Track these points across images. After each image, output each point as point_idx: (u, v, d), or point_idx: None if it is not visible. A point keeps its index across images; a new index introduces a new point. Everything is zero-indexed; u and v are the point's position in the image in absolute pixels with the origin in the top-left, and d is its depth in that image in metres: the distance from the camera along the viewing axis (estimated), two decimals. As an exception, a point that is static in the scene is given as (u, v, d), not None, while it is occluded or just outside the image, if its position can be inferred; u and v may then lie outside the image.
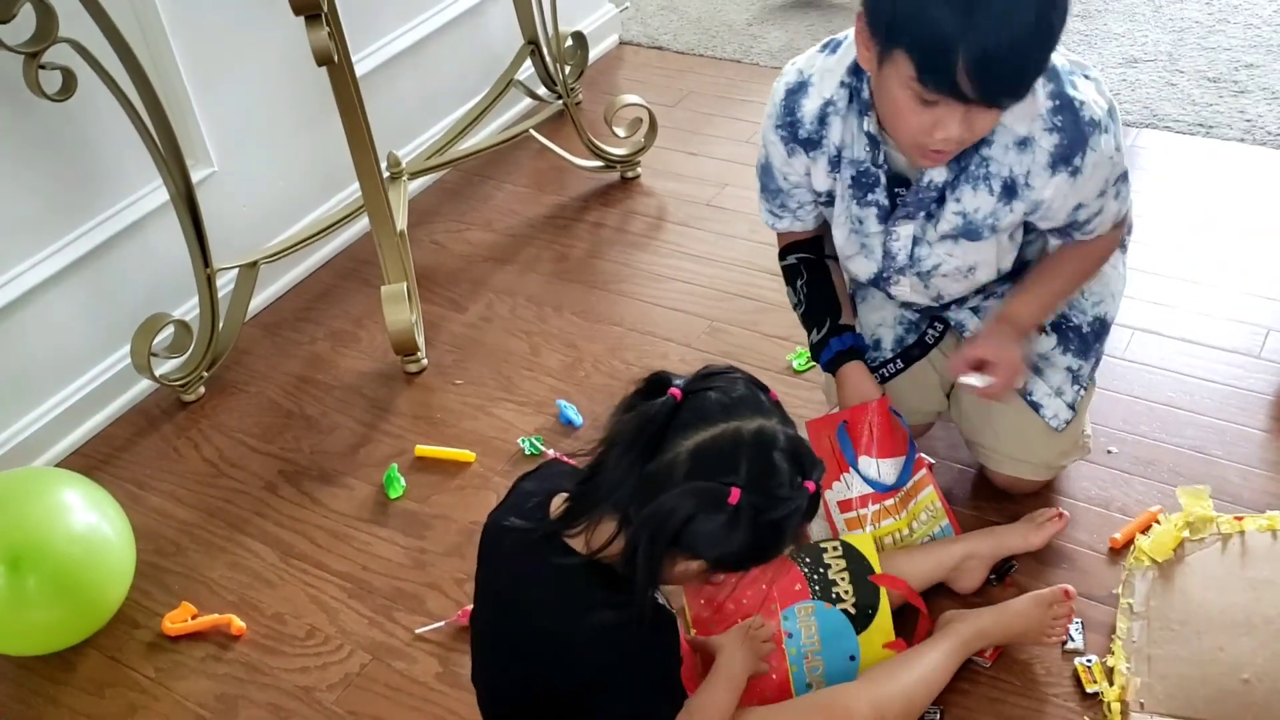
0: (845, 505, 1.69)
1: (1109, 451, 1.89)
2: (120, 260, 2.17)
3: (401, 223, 2.30)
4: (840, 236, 1.64)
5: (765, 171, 1.65)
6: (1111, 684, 1.53)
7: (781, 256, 1.76)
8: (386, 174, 2.38)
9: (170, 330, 2.17)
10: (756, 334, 2.24)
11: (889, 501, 1.69)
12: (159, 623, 1.81)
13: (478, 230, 2.62)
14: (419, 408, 2.17)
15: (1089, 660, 1.58)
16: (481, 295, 2.43)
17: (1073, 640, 1.61)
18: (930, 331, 1.78)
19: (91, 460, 2.12)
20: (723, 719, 1.35)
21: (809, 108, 1.53)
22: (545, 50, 2.75)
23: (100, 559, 1.73)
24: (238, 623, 1.79)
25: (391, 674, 1.70)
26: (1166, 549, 1.68)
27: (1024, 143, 1.43)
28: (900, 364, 1.76)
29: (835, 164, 1.55)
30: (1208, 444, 1.89)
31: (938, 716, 1.52)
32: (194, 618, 1.81)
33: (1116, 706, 1.51)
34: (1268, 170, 2.51)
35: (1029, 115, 1.42)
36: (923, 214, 1.54)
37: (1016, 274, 1.66)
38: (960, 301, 1.72)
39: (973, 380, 1.59)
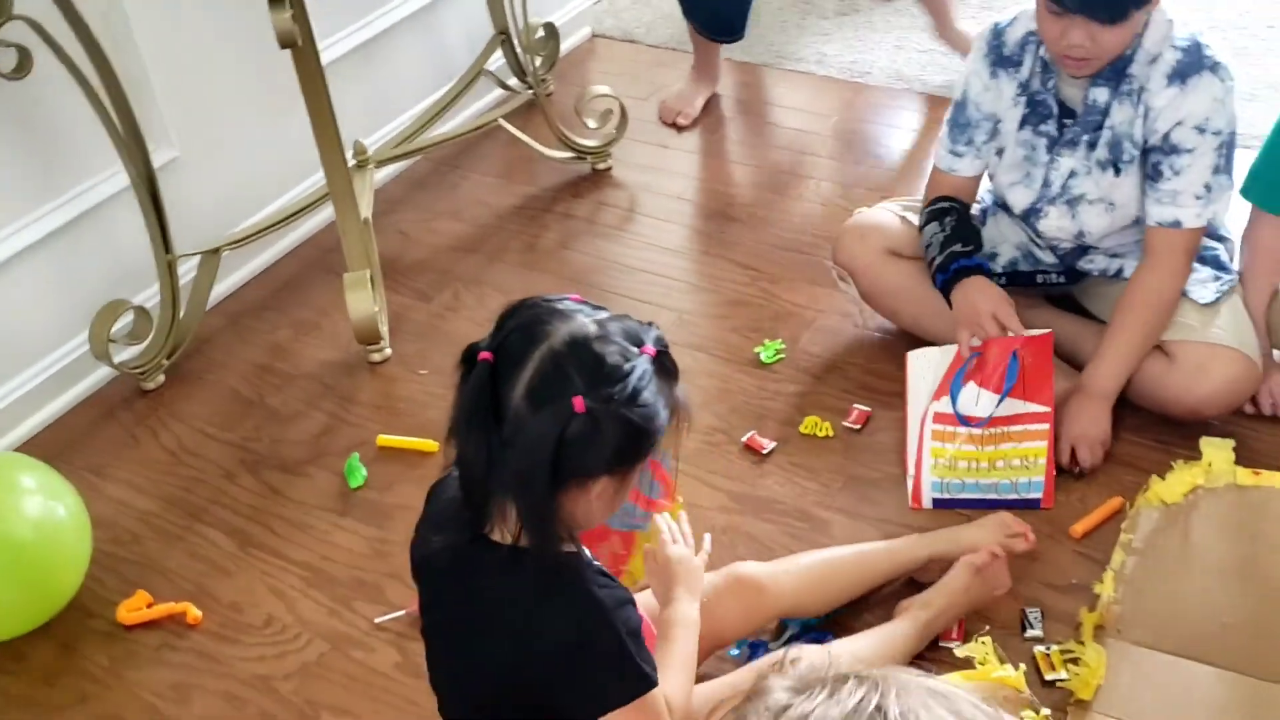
0: (943, 418, 1.83)
1: (1073, 444, 1.90)
2: (80, 245, 2.14)
3: (366, 211, 2.27)
4: (1008, 163, 1.90)
5: (960, 107, 1.93)
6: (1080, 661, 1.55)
7: (932, 204, 1.96)
8: (352, 162, 2.36)
9: (130, 317, 2.14)
10: (724, 327, 2.23)
11: (975, 430, 1.81)
12: (114, 611, 1.78)
13: (445, 220, 2.60)
14: (382, 397, 2.15)
15: (1049, 648, 1.58)
16: (448, 285, 2.41)
17: (1032, 628, 1.61)
18: (1048, 275, 2.00)
19: (49, 447, 2.08)
20: (692, 662, 1.33)
21: (1013, 34, 1.85)
22: (516, 41, 2.73)
23: (54, 545, 1.71)
24: (194, 611, 1.77)
25: (350, 663, 1.68)
26: (1177, 493, 1.75)
27: (1155, 59, 1.74)
28: (1004, 281, 1.93)
29: (1024, 88, 1.85)
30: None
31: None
32: (150, 606, 1.79)
33: (1090, 629, 1.57)
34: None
35: (1163, 38, 1.73)
36: (1085, 141, 1.81)
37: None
38: (1091, 254, 1.94)
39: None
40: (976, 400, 1.84)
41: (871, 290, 2.07)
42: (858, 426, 1.97)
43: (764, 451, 1.94)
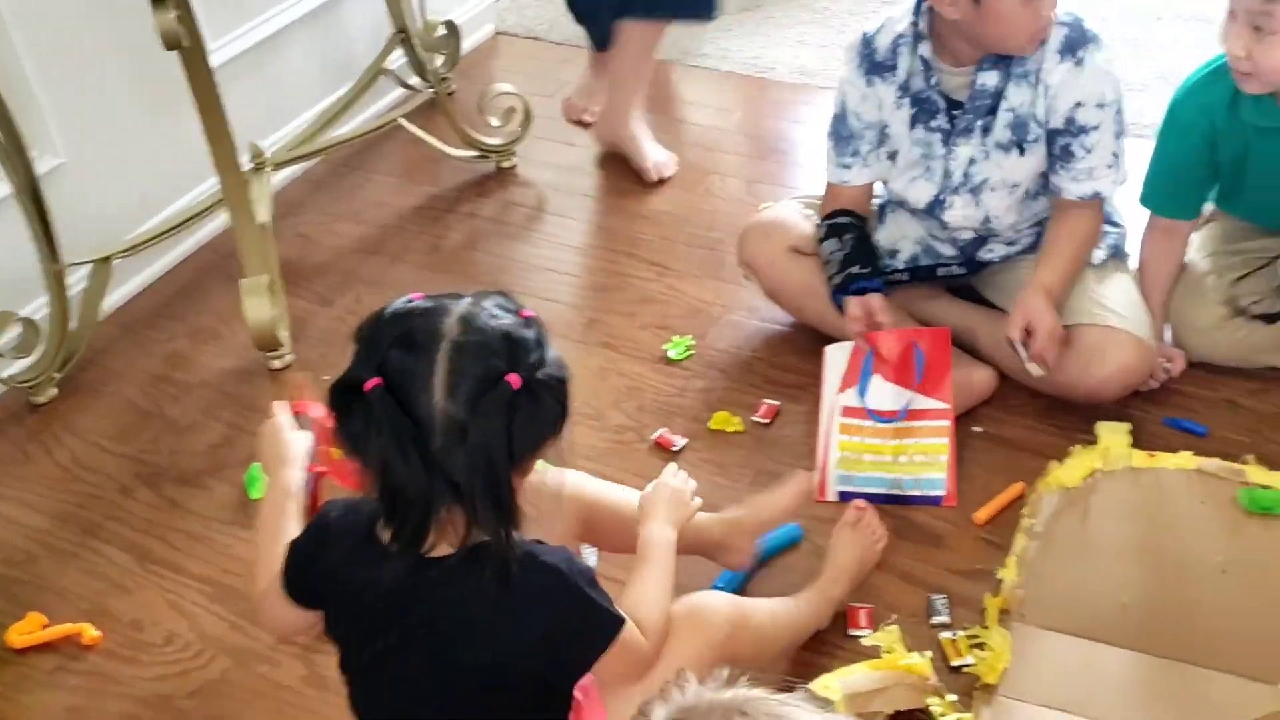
0: (851, 411, 1.87)
1: (975, 430, 1.92)
2: (-39, 256, 2.06)
3: (265, 215, 2.22)
4: (905, 164, 1.92)
5: (839, 120, 1.95)
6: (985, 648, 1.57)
7: (829, 218, 1.97)
8: (249, 165, 2.30)
9: (17, 330, 2.06)
10: (633, 325, 2.22)
11: (883, 424, 1.85)
12: (3, 636, 1.71)
13: (346, 222, 2.56)
14: (285, 405, 2.10)
15: (955, 634, 1.60)
16: (350, 288, 2.37)
17: (939, 614, 1.63)
18: (949, 267, 2.03)
19: (-67, 467, 2.01)
20: (669, 582, 1.35)
21: (883, 41, 1.87)
22: (416, 39, 2.69)
23: (-62, 570, 1.64)
24: (91, 632, 1.71)
25: (255, 678, 1.64)
26: (1076, 477, 1.79)
27: (1043, 41, 1.77)
28: (907, 277, 2.01)
29: (904, 90, 1.86)
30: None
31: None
32: (44, 628, 1.72)
33: (995, 613, 1.59)
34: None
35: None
36: (979, 127, 1.84)
37: (1035, 248, 1.96)
38: (990, 244, 1.98)
39: (1020, 349, 1.82)
40: (884, 394, 1.86)
41: (775, 287, 2.08)
42: (767, 421, 1.98)
43: (674, 449, 1.94)
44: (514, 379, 1.09)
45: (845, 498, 1.82)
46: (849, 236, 1.94)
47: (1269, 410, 1.92)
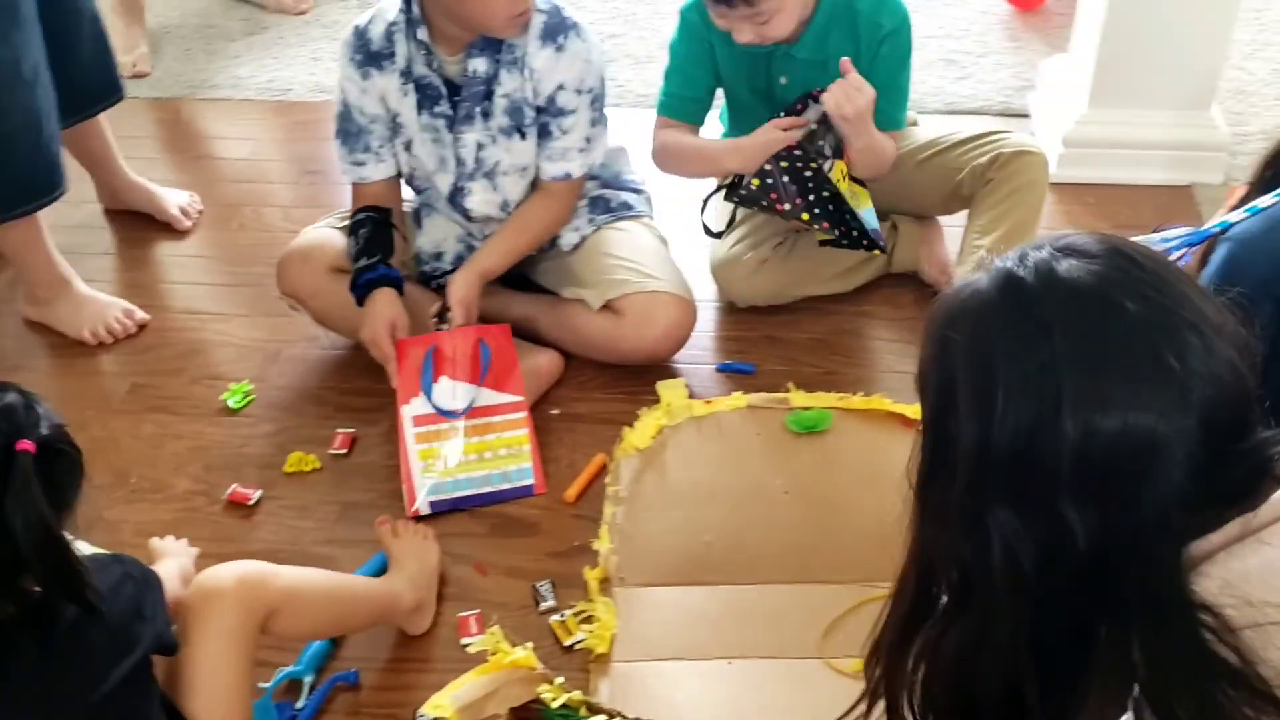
0: (423, 419, 1.85)
1: (552, 413, 1.96)
2: None
3: None
4: (421, 153, 1.93)
5: (344, 117, 1.93)
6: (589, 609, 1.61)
7: (352, 217, 1.96)
8: None
9: None
10: (183, 381, 2.07)
11: (460, 424, 1.84)
12: None
13: None
14: None
15: (563, 615, 1.62)
16: None
17: (546, 600, 1.65)
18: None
19: None
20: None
21: (376, 30, 1.87)
22: None
23: None
24: None
25: None
26: (647, 437, 1.86)
27: (526, 25, 1.82)
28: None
29: (406, 76, 1.87)
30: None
31: None
32: None
33: (596, 585, 1.64)
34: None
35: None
36: (479, 112, 1.88)
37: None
38: None
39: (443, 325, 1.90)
40: (454, 393, 1.86)
41: (323, 311, 2.02)
42: (344, 451, 1.91)
43: (250, 502, 1.82)
44: (27, 445, 1.10)
45: (437, 507, 1.80)
46: (364, 231, 1.92)
47: (802, 338, 2.10)
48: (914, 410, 1.71)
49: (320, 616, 1.48)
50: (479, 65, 1.85)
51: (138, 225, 2.45)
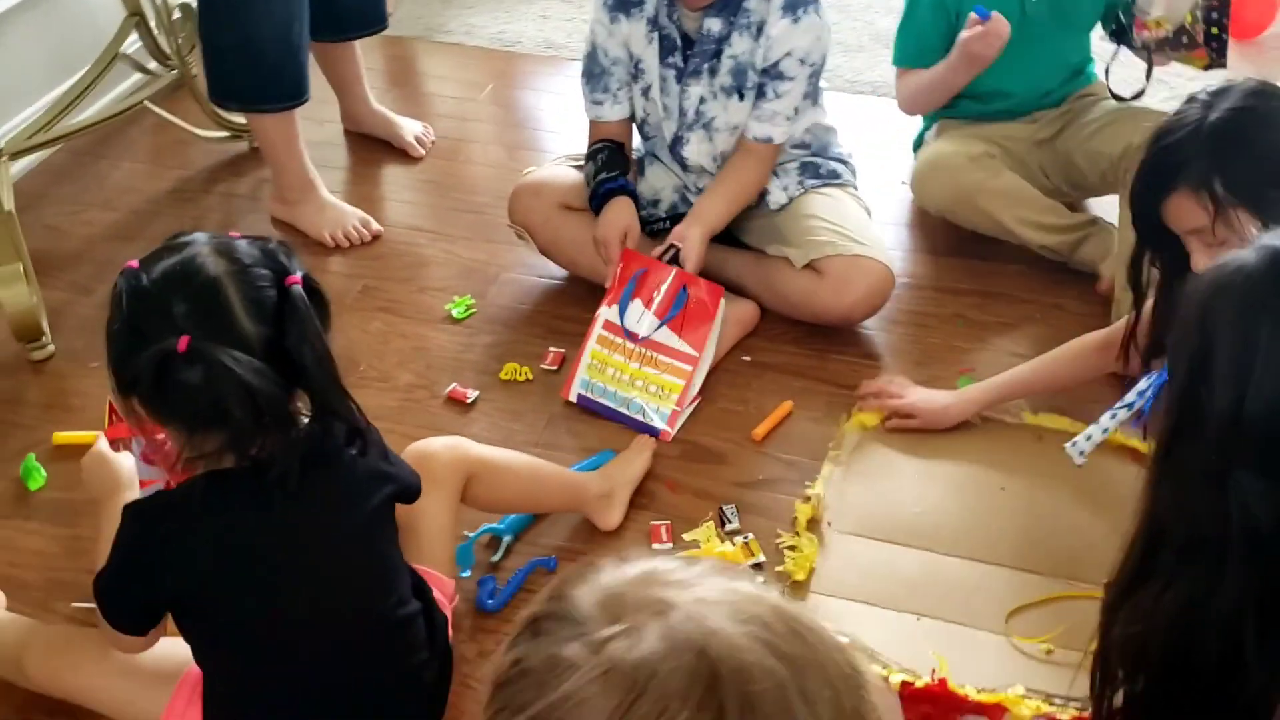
0: (610, 326, 1.99)
1: (745, 359, 2.08)
2: None
3: (8, 203, 2.11)
4: (656, 99, 2.05)
5: (590, 58, 2.08)
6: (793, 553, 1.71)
7: (589, 149, 2.10)
8: (-17, 154, 2.18)
9: None
10: (412, 289, 2.26)
11: (632, 345, 1.97)
12: None
13: (96, 210, 2.46)
14: (52, 395, 2.02)
15: (747, 538, 1.74)
16: (108, 275, 2.25)
17: (730, 522, 1.77)
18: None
19: None
20: None
21: None
22: (153, 21, 2.61)
23: None
24: None
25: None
26: (874, 420, 1.93)
27: None
28: (667, 224, 2.12)
29: (653, 25, 2.00)
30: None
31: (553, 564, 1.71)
32: None
33: (804, 521, 1.75)
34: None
35: None
36: (707, 69, 1.99)
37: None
38: None
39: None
40: (640, 318, 1.98)
41: (550, 244, 2.17)
42: (555, 367, 2.06)
43: (468, 400, 1.99)
44: (296, 279, 1.22)
45: (583, 402, 1.95)
46: (601, 156, 2.07)
47: (991, 320, 2.17)
48: (1144, 446, 1.74)
49: (514, 487, 1.67)
50: (714, 25, 1.98)
51: (374, 148, 2.66)
